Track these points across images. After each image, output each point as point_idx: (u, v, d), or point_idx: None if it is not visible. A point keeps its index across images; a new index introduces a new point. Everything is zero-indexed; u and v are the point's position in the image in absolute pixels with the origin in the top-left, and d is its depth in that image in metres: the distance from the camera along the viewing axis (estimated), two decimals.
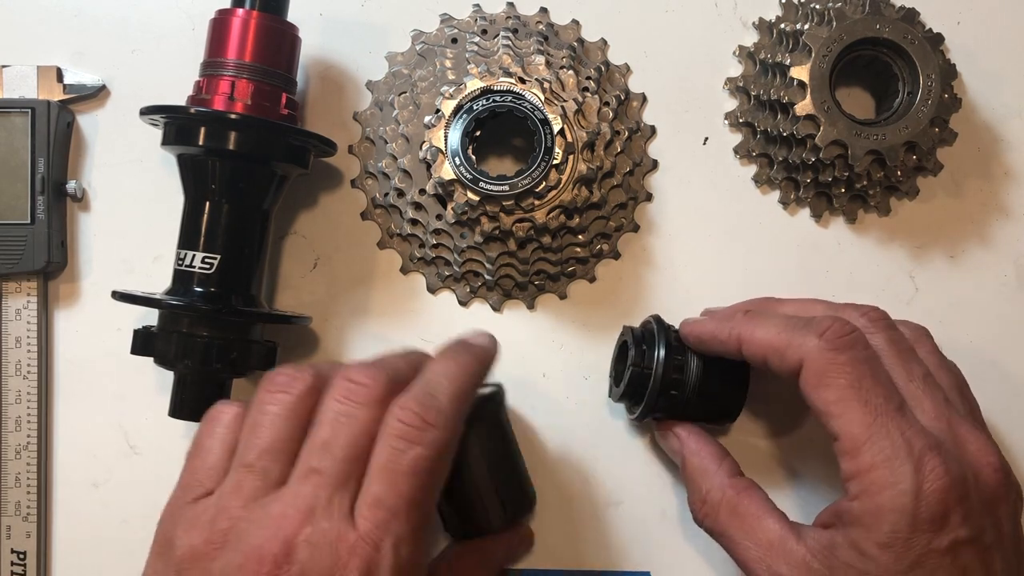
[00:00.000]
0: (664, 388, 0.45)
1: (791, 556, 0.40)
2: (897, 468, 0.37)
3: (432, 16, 0.52)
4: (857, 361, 0.39)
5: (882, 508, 0.37)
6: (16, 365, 0.50)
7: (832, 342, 0.40)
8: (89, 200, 0.51)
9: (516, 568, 0.50)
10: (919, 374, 0.41)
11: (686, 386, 0.45)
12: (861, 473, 0.38)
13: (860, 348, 0.40)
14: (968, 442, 0.39)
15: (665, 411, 0.46)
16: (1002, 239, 0.52)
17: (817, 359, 0.40)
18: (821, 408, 0.40)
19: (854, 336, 0.40)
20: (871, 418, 0.38)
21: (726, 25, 0.53)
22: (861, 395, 0.39)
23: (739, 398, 0.46)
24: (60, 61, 0.51)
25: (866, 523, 0.38)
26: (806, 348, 0.40)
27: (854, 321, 0.42)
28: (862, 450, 0.38)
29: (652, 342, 0.46)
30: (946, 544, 0.37)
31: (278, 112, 0.46)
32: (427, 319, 0.51)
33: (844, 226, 0.52)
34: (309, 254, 0.52)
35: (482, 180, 0.45)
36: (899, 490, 0.37)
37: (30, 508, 0.49)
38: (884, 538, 0.37)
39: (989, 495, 0.39)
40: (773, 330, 0.42)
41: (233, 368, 0.46)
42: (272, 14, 0.46)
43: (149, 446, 0.51)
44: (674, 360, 0.45)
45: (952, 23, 0.52)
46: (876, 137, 0.47)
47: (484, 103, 0.45)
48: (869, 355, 0.40)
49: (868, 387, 0.39)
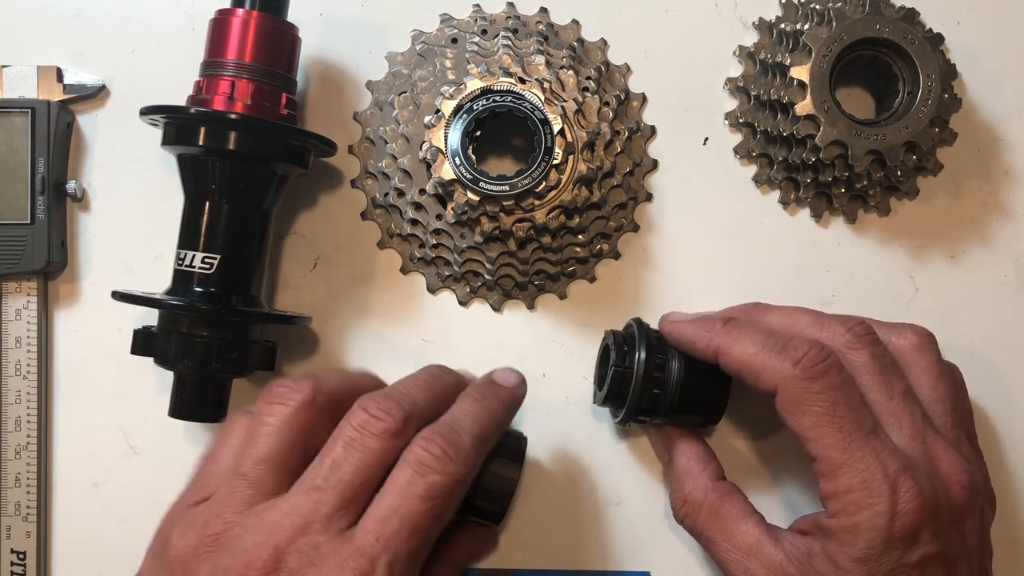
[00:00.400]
0: (646, 388, 0.45)
1: (768, 560, 0.42)
2: (873, 490, 0.39)
3: (432, 16, 0.52)
4: (831, 388, 0.41)
5: (859, 526, 0.39)
6: (16, 365, 0.50)
7: (807, 371, 0.41)
8: (89, 200, 0.51)
9: (516, 568, 0.50)
10: (899, 391, 0.42)
11: (668, 385, 0.45)
12: (839, 494, 0.40)
13: (834, 374, 0.41)
14: (941, 460, 0.41)
15: (648, 413, 0.46)
16: (1002, 239, 0.52)
17: (792, 387, 0.41)
18: (797, 432, 0.41)
19: (828, 363, 0.41)
20: (846, 443, 0.40)
21: (726, 25, 0.53)
22: (836, 422, 0.41)
23: (722, 398, 0.46)
24: (60, 61, 0.51)
25: (843, 539, 0.40)
26: (781, 375, 0.41)
27: (838, 337, 0.43)
28: (839, 473, 0.40)
29: (633, 344, 0.46)
30: (916, 559, 0.39)
31: (278, 112, 0.46)
32: (427, 319, 0.51)
33: (844, 226, 0.52)
34: (309, 254, 0.52)
35: (482, 180, 0.44)
36: (875, 511, 0.39)
37: (30, 508, 0.49)
38: (859, 553, 0.39)
39: (957, 510, 0.41)
40: (751, 349, 0.43)
41: (233, 368, 0.46)
42: (272, 14, 0.46)
43: (149, 446, 0.51)
44: (655, 359, 0.45)
45: (952, 23, 0.52)
46: (876, 137, 0.47)
47: (484, 103, 0.45)
48: (844, 380, 0.41)
49: (842, 413, 0.41)
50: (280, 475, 0.39)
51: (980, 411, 0.51)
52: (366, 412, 0.39)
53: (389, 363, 0.50)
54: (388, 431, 0.39)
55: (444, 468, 0.38)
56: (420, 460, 0.38)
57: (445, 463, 0.38)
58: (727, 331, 0.44)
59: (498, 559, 0.50)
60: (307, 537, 0.36)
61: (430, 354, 0.51)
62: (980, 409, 0.51)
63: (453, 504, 0.40)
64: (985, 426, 0.51)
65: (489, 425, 0.42)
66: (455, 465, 0.39)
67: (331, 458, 0.38)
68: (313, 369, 0.51)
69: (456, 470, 0.39)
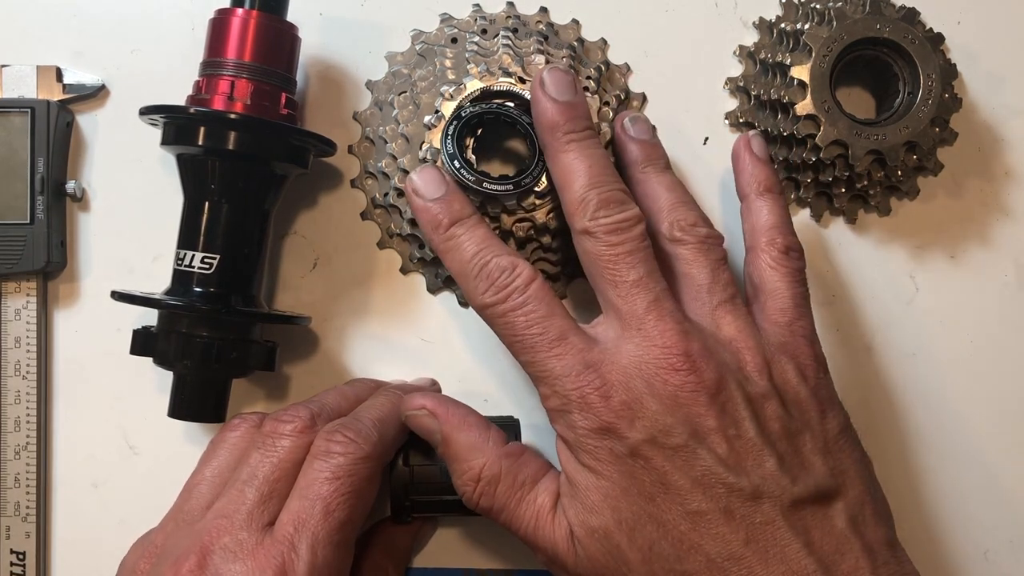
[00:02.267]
0: None
1: (559, 526, 0.41)
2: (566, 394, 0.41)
3: (432, 16, 0.52)
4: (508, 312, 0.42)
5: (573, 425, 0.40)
6: (15, 365, 0.49)
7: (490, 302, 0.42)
8: (89, 200, 0.51)
9: (516, 569, 0.50)
10: None
11: None
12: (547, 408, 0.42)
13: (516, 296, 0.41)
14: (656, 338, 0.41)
15: None
16: (1002, 239, 0.52)
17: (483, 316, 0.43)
18: None
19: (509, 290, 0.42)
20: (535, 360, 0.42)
21: (726, 25, 0.53)
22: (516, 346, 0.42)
23: None
24: (60, 61, 0.51)
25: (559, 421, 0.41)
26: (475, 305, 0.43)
27: None
28: (543, 397, 0.42)
29: None
30: (627, 448, 0.39)
31: (278, 112, 0.46)
32: (427, 319, 0.51)
33: (844, 226, 0.52)
34: (309, 254, 0.51)
35: (486, 181, 0.44)
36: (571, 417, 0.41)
37: (29, 508, 0.49)
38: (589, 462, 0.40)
39: None
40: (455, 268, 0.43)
41: (233, 368, 0.46)
42: (272, 14, 0.46)
43: (149, 446, 0.51)
44: None
45: (952, 23, 0.52)
46: (876, 137, 0.47)
47: (471, 109, 0.45)
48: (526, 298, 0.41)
49: None
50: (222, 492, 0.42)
51: (980, 411, 0.51)
52: (276, 420, 0.43)
53: (389, 363, 0.50)
54: (296, 430, 0.42)
55: (346, 449, 0.41)
56: (324, 448, 0.41)
57: (346, 445, 0.41)
58: (446, 238, 0.43)
59: (498, 559, 0.50)
60: (231, 535, 0.39)
61: (430, 354, 0.51)
62: (980, 409, 0.51)
63: (366, 482, 0.41)
64: (985, 426, 0.51)
65: (390, 409, 0.44)
66: (356, 444, 0.41)
67: (249, 464, 0.41)
68: (313, 369, 0.51)
69: (358, 448, 0.41)
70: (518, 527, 0.41)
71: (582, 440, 0.39)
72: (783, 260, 0.44)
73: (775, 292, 0.44)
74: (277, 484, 0.41)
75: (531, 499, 0.41)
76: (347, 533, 0.40)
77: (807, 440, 0.40)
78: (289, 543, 0.38)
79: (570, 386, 0.40)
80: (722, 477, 0.38)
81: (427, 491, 0.46)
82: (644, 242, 0.41)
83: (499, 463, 0.42)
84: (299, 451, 0.41)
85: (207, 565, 0.38)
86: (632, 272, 0.41)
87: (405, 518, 0.46)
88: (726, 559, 0.37)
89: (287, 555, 0.38)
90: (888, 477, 0.51)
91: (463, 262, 0.42)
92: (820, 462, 0.40)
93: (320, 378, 0.51)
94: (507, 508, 0.41)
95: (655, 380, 0.39)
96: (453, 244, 0.42)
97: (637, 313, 0.40)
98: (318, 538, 0.39)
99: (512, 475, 0.41)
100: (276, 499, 0.40)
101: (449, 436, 0.42)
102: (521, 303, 0.41)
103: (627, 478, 0.39)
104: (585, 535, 0.39)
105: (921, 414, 0.51)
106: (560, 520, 0.41)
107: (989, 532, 0.51)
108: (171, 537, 0.40)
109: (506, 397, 0.50)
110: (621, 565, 0.39)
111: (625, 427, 0.39)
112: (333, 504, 0.39)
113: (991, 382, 0.51)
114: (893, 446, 0.51)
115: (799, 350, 0.42)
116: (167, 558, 0.39)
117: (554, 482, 0.42)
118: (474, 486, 0.42)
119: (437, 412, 0.43)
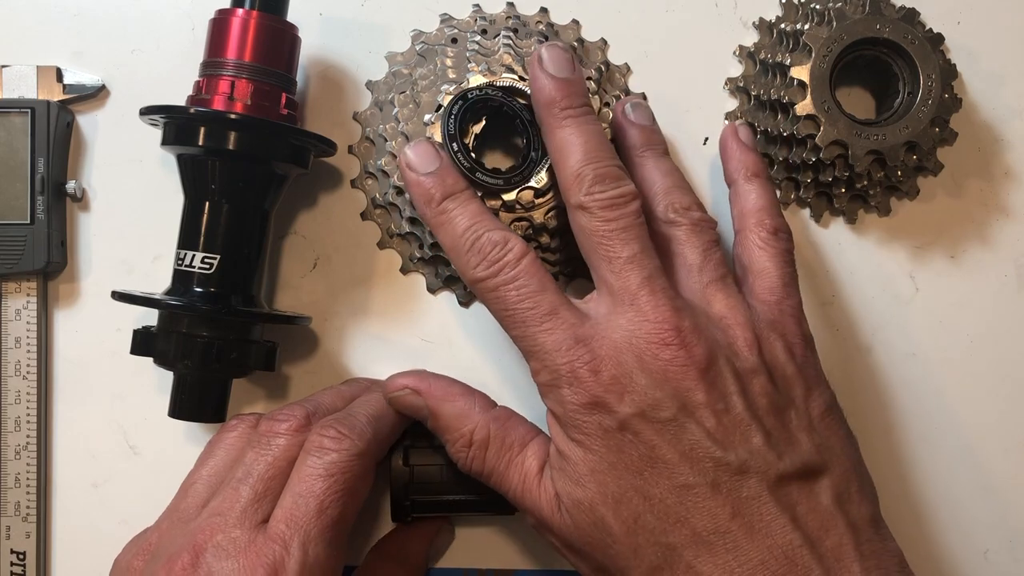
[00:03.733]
0: None
1: (545, 491, 0.41)
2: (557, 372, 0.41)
3: (432, 16, 0.52)
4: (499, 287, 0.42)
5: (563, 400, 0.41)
6: (16, 365, 0.50)
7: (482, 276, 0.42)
8: (89, 200, 0.51)
9: (516, 569, 0.50)
10: None
11: None
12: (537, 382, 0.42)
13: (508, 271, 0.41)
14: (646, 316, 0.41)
15: None
16: (1002, 239, 0.52)
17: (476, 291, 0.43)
18: None
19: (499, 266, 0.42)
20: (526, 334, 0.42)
21: (726, 25, 0.53)
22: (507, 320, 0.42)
23: None
24: (60, 61, 0.51)
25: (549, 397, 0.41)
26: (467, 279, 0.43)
27: None
28: (533, 371, 0.42)
29: None
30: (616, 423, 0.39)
31: (278, 112, 0.46)
32: (427, 319, 0.51)
33: (844, 226, 0.52)
34: (309, 254, 0.52)
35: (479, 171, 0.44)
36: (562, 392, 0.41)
37: (30, 508, 0.49)
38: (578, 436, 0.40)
39: None
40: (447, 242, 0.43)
41: (233, 368, 0.46)
42: (272, 14, 0.46)
43: (149, 446, 0.51)
44: None
45: (952, 23, 0.52)
46: (876, 137, 0.47)
47: (478, 93, 0.45)
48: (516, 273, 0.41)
49: None
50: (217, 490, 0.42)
51: (980, 411, 0.51)
52: (272, 419, 0.43)
53: (389, 363, 0.50)
54: (291, 428, 0.42)
55: (339, 446, 0.41)
56: (317, 444, 0.41)
57: (340, 441, 0.41)
58: (438, 212, 0.43)
59: (499, 559, 0.50)
60: (225, 533, 0.39)
61: (430, 354, 0.51)
62: (980, 409, 0.51)
63: (360, 479, 0.41)
64: (985, 426, 0.51)
65: (386, 407, 0.45)
66: (350, 440, 0.41)
67: (244, 463, 0.41)
68: (313, 369, 0.51)
69: (352, 444, 0.41)
70: (507, 489, 0.42)
71: (571, 415, 0.40)
72: (771, 240, 0.44)
73: (764, 272, 0.44)
74: (272, 482, 0.41)
75: (519, 462, 0.42)
76: (340, 530, 0.40)
77: (793, 416, 0.40)
78: (281, 541, 0.38)
79: (560, 360, 0.40)
80: (710, 451, 0.38)
81: (427, 491, 0.46)
82: (639, 219, 0.41)
83: (487, 427, 0.43)
84: (294, 449, 0.42)
85: (200, 563, 0.38)
86: (626, 248, 0.41)
87: (405, 518, 0.46)
88: (712, 532, 0.37)
89: (279, 553, 0.38)
90: (887, 477, 0.51)
91: (455, 236, 0.42)
92: (806, 438, 0.40)
93: (320, 378, 0.51)
94: (496, 471, 0.42)
95: (646, 355, 0.39)
96: (445, 218, 0.42)
97: (630, 289, 0.40)
98: (310, 536, 0.39)
99: (500, 438, 0.42)
100: (271, 497, 0.40)
101: (436, 409, 0.43)
102: (512, 277, 0.41)
103: (615, 452, 0.39)
104: (571, 505, 0.40)
105: (921, 414, 0.51)
106: (546, 485, 0.41)
107: (989, 532, 0.51)
108: (165, 535, 0.41)
109: (507, 397, 0.50)
110: (605, 536, 0.39)
111: (614, 401, 0.39)
112: (327, 502, 0.40)
113: (991, 382, 0.51)
114: (893, 446, 0.51)
115: (787, 328, 0.42)
116: (161, 556, 0.39)
117: (541, 446, 0.42)
118: (467, 451, 0.43)
119: (420, 388, 0.44)
